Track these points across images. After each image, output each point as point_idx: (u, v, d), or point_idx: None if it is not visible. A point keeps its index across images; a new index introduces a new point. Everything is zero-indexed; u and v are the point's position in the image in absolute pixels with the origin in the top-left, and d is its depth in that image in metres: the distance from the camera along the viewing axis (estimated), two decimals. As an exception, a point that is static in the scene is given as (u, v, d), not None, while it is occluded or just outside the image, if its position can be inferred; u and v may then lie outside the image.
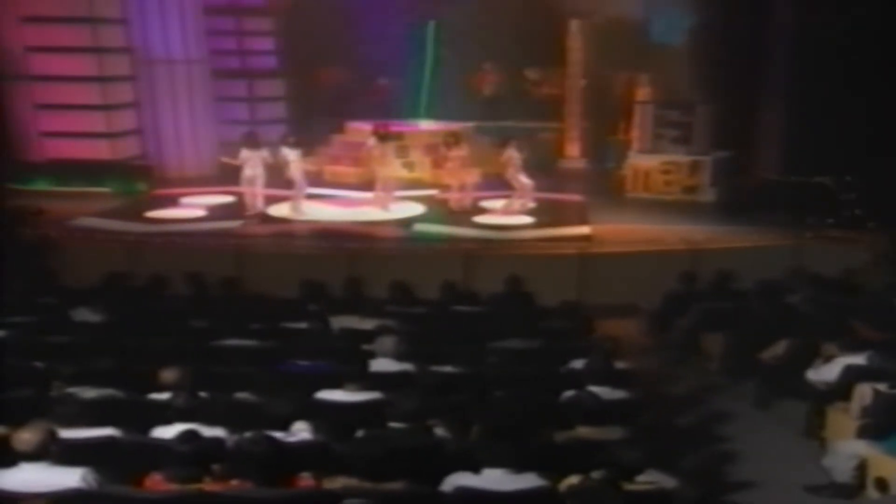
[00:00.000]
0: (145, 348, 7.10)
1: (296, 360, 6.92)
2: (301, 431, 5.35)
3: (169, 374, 5.94)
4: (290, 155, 13.43)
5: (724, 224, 12.69)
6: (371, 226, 13.04)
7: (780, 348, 8.01)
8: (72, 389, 5.89)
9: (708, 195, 14.53)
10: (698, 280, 10.07)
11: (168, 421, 5.33)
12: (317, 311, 8.50)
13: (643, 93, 16.80)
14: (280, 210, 13.80)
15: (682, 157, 14.78)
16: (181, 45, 16.04)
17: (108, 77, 15.44)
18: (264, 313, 8.50)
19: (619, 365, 6.94)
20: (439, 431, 5.46)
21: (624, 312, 10.19)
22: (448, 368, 6.90)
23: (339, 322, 8.35)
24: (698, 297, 9.60)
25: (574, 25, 17.39)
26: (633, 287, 10.58)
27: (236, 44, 17.82)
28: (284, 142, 13.72)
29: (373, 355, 7.01)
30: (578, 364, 6.94)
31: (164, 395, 5.87)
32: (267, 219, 13.41)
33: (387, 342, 7.00)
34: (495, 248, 11.90)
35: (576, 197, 14.87)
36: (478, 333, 7.98)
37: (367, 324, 8.18)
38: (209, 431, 5.17)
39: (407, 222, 13.20)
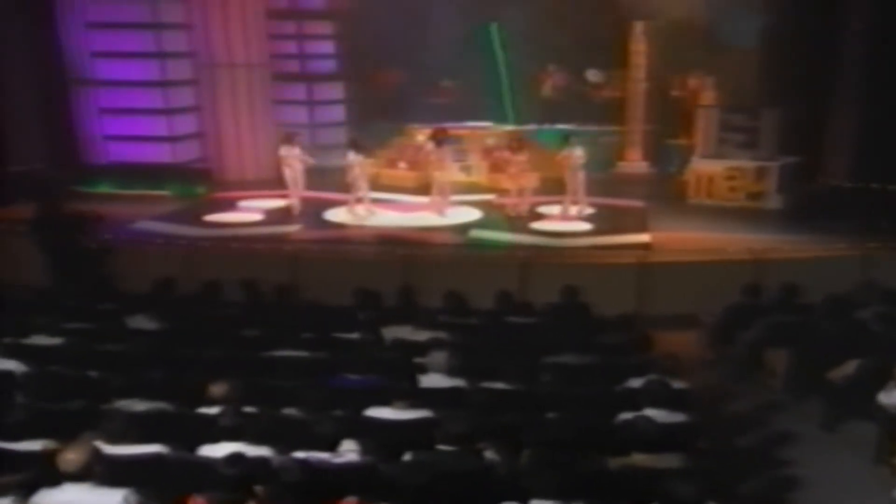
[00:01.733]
0: (197, 359, 7.08)
1: (346, 374, 6.82)
2: (349, 452, 5.25)
3: (218, 389, 5.90)
4: (354, 158, 13.42)
5: (790, 233, 12.36)
6: (427, 231, 13.00)
7: (849, 368, 7.66)
8: (121, 402, 5.89)
9: (774, 202, 14.17)
10: (763, 292, 9.71)
11: (215, 439, 5.27)
12: (369, 322, 8.39)
13: (707, 96, 16.45)
14: (338, 215, 13.82)
15: (747, 163, 14.41)
16: (243, 48, 16.22)
17: (171, 81, 15.67)
18: (317, 322, 8.43)
19: (678, 384, 6.68)
20: (489, 454, 5.30)
21: (684, 324, 9.90)
22: (500, 385, 6.73)
23: (392, 333, 8.26)
24: (762, 311, 9.24)
25: (638, 27, 17.05)
26: (694, 298, 10.21)
27: (297, 47, 17.69)
28: (351, 144, 13.71)
29: (424, 370, 6.88)
30: (635, 383, 6.71)
31: (213, 410, 5.82)
32: (324, 223, 13.43)
33: (438, 357, 6.87)
34: (552, 255, 11.72)
35: (636, 202, 14.59)
36: (532, 347, 7.80)
37: (420, 335, 8.07)
38: (255, 451, 5.10)
39: (463, 228, 13.11)
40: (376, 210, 13.97)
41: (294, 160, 13.68)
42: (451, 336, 8.11)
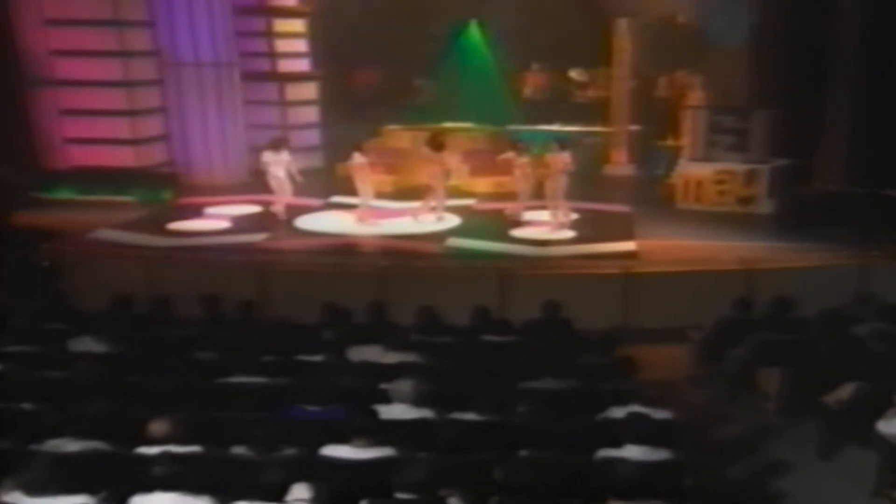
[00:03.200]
0: (143, 388, 6.64)
1: (304, 405, 6.40)
2: (299, 502, 4.82)
3: (158, 427, 5.46)
4: (359, 161, 13.14)
5: (782, 240, 12.17)
6: (403, 240, 12.65)
7: (846, 392, 7.31)
8: (52, 442, 5.44)
9: (765, 207, 13.91)
10: (754, 306, 9.36)
11: (149, 488, 4.84)
12: (334, 342, 7.98)
13: (696, 96, 16.27)
14: (309, 222, 13.46)
15: (737, 166, 14.16)
16: (210, 47, 15.74)
17: (134, 81, 15.24)
18: (279, 343, 8.02)
19: (662, 414, 6.30)
20: (453, 502, 4.90)
21: (671, 339, 9.62)
22: (471, 416, 6.33)
23: (359, 354, 7.87)
24: (754, 326, 8.91)
25: (622, 24, 16.75)
26: (682, 311, 10.01)
27: (267, 45, 17.46)
28: (355, 147, 13.41)
29: (389, 399, 6.47)
30: (617, 412, 6.33)
31: (154, 450, 5.38)
32: (295, 232, 13.05)
33: (404, 386, 6.46)
34: (533, 266, 11.41)
35: (622, 208, 14.35)
36: (508, 370, 7.43)
37: (389, 357, 7.67)
38: (195, 501, 4.67)
39: (441, 236, 12.76)
40: (350, 217, 13.60)
41: (280, 168, 13.30)
42: (422, 357, 7.75)
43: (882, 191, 12.25)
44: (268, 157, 13.35)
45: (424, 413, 6.40)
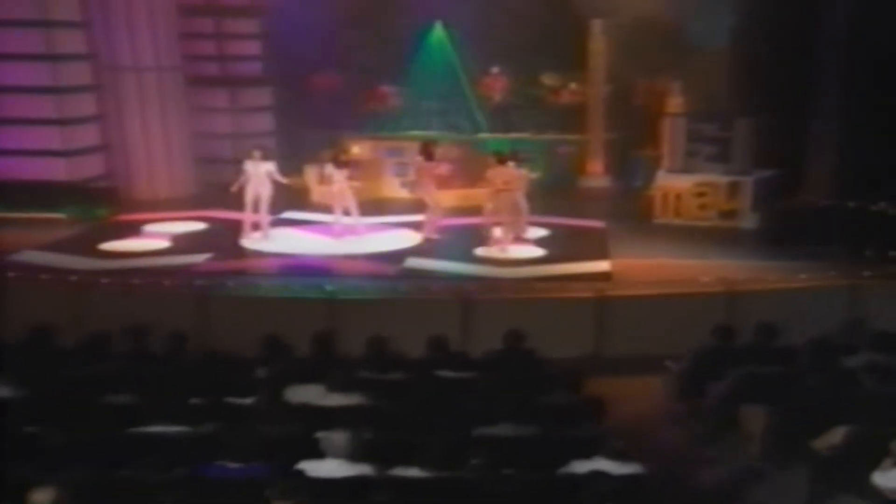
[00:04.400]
0: (42, 441, 6.05)
1: (224, 461, 5.84)
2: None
3: (42, 497, 4.87)
4: (335, 174, 13.01)
5: (768, 258, 12.02)
6: (356, 261, 12.28)
7: (837, 435, 6.86)
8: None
9: (749, 222, 13.87)
10: (736, 334, 8.95)
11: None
12: (270, 381, 7.43)
13: (675, 102, 16.19)
14: (257, 241, 13.02)
15: (718, 178, 14.05)
16: (151, 50, 15.41)
17: (65, 87, 14.66)
18: (208, 383, 7.44)
19: (631, 468, 5.83)
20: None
21: (646, 369, 9.32)
22: (415, 472, 5.81)
23: (298, 395, 7.33)
24: (736, 358, 8.53)
25: (596, 25, 16.63)
26: (659, 338, 9.85)
27: (216, 48, 17.11)
28: (331, 158, 13.34)
29: (321, 454, 5.93)
30: (580, 467, 5.84)
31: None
32: (240, 252, 12.66)
33: (338, 439, 5.91)
34: (498, 288, 11.06)
35: (596, 223, 14.18)
36: (463, 413, 6.97)
37: (331, 398, 7.14)
38: None
39: (399, 256, 12.40)
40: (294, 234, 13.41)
41: (263, 178, 12.87)
42: (367, 398, 7.24)
43: (874, 205, 12.15)
44: (250, 166, 12.91)
45: (362, 469, 5.86)
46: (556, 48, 17.12)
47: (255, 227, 13.06)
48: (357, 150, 16.31)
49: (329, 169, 13.22)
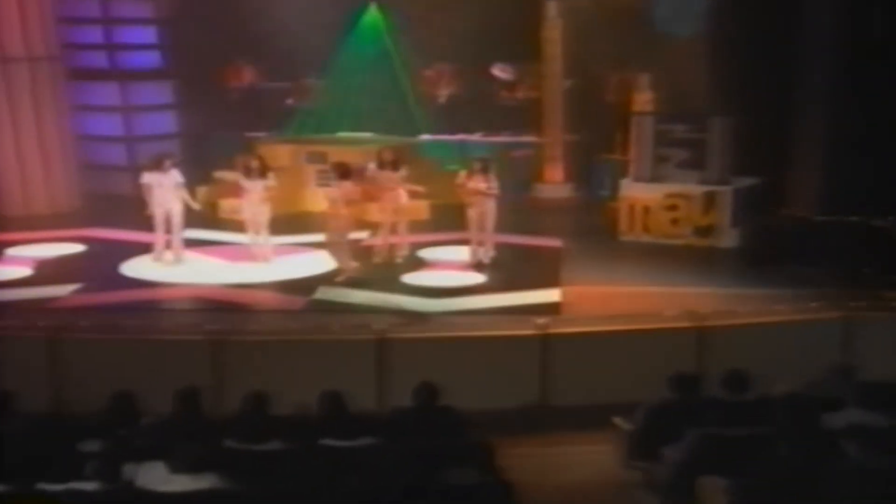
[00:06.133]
0: None
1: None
2: None
3: None
4: (250, 185, 12.62)
5: (748, 283, 11.91)
6: (254, 290, 11.92)
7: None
8: None
9: (728, 240, 13.72)
10: (700, 384, 8.46)
11: None
12: (106, 458, 6.68)
13: (642, 99, 16.19)
14: (140, 269, 12.58)
15: (692, 188, 13.94)
16: (20, 36, 15.14)
17: None
18: (31, 458, 6.68)
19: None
20: None
21: (597, 423, 8.82)
22: None
23: (143, 476, 6.57)
24: (697, 415, 8.00)
25: (551, 8, 16.56)
26: (614, 385, 9.62)
27: (103, 35, 16.86)
28: (241, 166, 13.06)
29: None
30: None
31: None
32: (118, 281, 12.18)
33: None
34: (423, 326, 10.52)
35: (552, 241, 14.10)
36: (344, 495, 6.48)
37: (174, 482, 6.39)
38: None
39: (309, 285, 11.98)
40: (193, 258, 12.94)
41: (169, 190, 12.43)
42: (224, 479, 6.49)
43: (869, 220, 12.14)
44: (149, 178, 12.44)
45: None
46: (509, 35, 16.97)
47: (169, 246, 12.71)
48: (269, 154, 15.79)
49: (240, 178, 12.89)
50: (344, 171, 12.20)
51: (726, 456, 7.41)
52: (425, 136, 17.46)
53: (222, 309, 11.11)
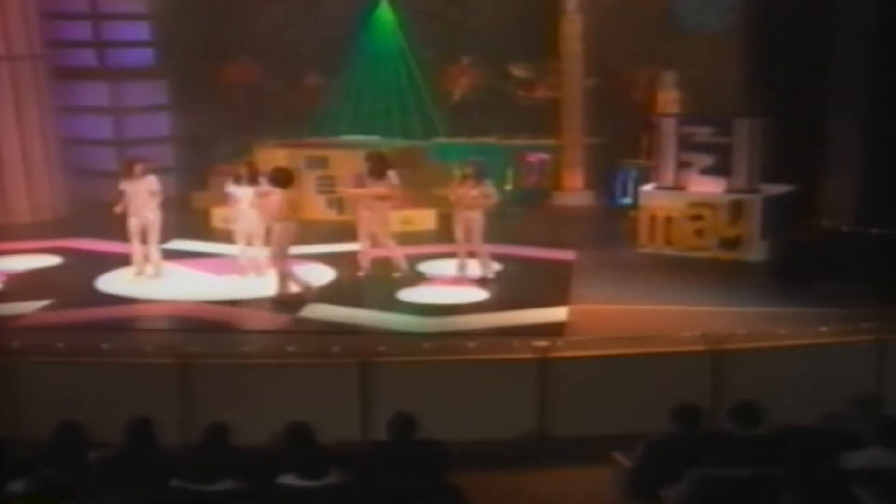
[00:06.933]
0: None
1: None
2: None
3: None
4: (240, 192, 12.60)
5: (778, 301, 11.65)
6: (236, 307, 11.85)
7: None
8: None
9: (756, 253, 13.53)
10: (703, 417, 8.22)
11: None
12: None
13: (667, 99, 16.25)
14: (115, 283, 12.47)
15: (718, 196, 13.84)
16: (0, 33, 15.07)
17: None
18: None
19: None
20: None
21: (599, 457, 8.61)
22: None
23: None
24: (700, 451, 7.76)
25: (571, 4, 16.62)
26: (618, 415, 9.51)
27: (92, 31, 16.95)
28: (232, 172, 13.11)
29: None
30: None
31: None
32: (93, 298, 12.05)
33: None
34: (413, 348, 10.24)
35: (565, 254, 14.02)
36: None
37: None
38: None
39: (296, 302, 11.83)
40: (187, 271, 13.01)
41: (145, 198, 12.37)
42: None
43: None
44: (124, 186, 12.42)
45: None
46: (527, 32, 17.15)
47: (147, 259, 12.67)
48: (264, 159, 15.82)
49: (230, 185, 12.85)
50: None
51: (726, 500, 7.31)
52: (440, 140, 17.47)
53: (199, 328, 10.95)
